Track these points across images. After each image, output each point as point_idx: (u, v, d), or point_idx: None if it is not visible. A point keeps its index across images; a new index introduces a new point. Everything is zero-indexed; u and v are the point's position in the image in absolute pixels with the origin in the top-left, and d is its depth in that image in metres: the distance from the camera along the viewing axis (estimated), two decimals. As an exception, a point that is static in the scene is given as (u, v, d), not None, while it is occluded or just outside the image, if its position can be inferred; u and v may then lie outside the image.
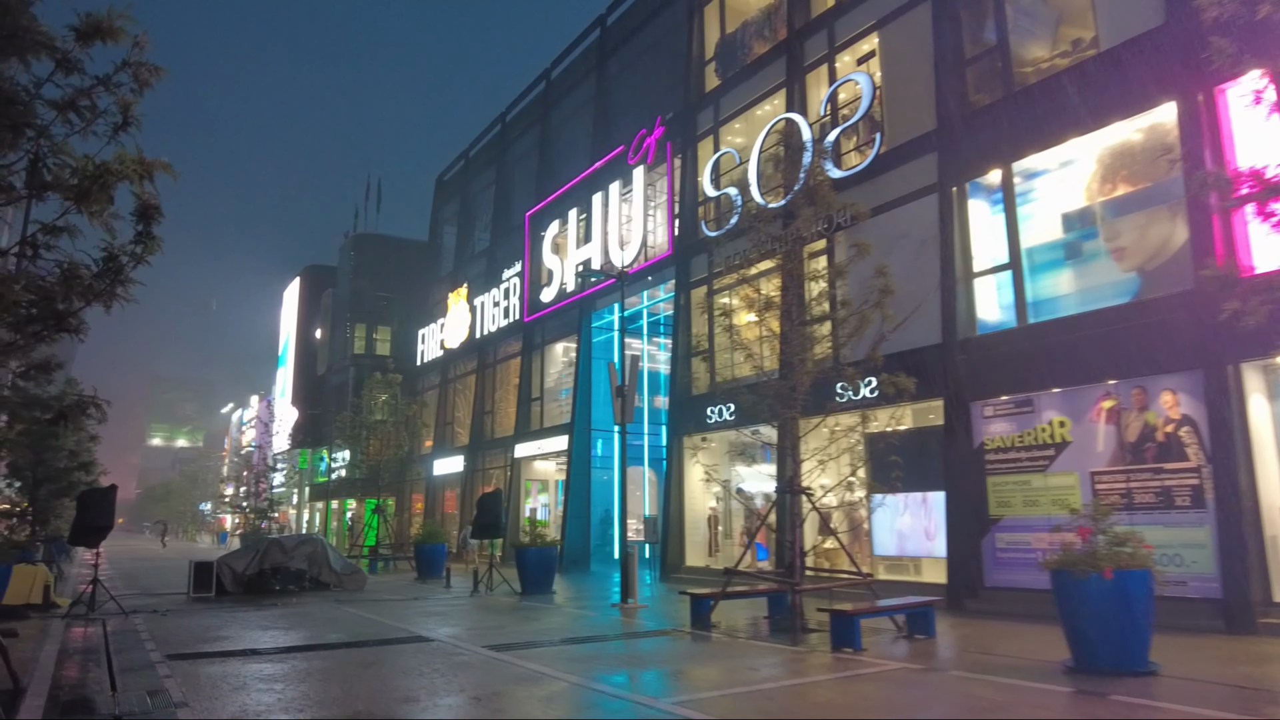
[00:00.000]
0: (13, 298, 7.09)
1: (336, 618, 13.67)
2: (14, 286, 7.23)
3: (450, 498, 34.68)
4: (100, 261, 7.72)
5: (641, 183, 23.28)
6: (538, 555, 17.33)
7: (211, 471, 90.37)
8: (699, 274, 21.33)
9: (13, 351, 7.63)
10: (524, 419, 28.60)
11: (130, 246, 7.77)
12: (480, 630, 12.07)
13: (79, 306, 7.67)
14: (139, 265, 7.89)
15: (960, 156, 15.57)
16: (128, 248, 7.77)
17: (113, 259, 7.72)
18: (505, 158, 34.04)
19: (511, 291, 30.35)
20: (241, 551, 18.38)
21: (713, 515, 20.54)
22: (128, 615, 13.67)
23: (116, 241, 7.79)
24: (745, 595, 13.15)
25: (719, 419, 19.35)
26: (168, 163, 8.01)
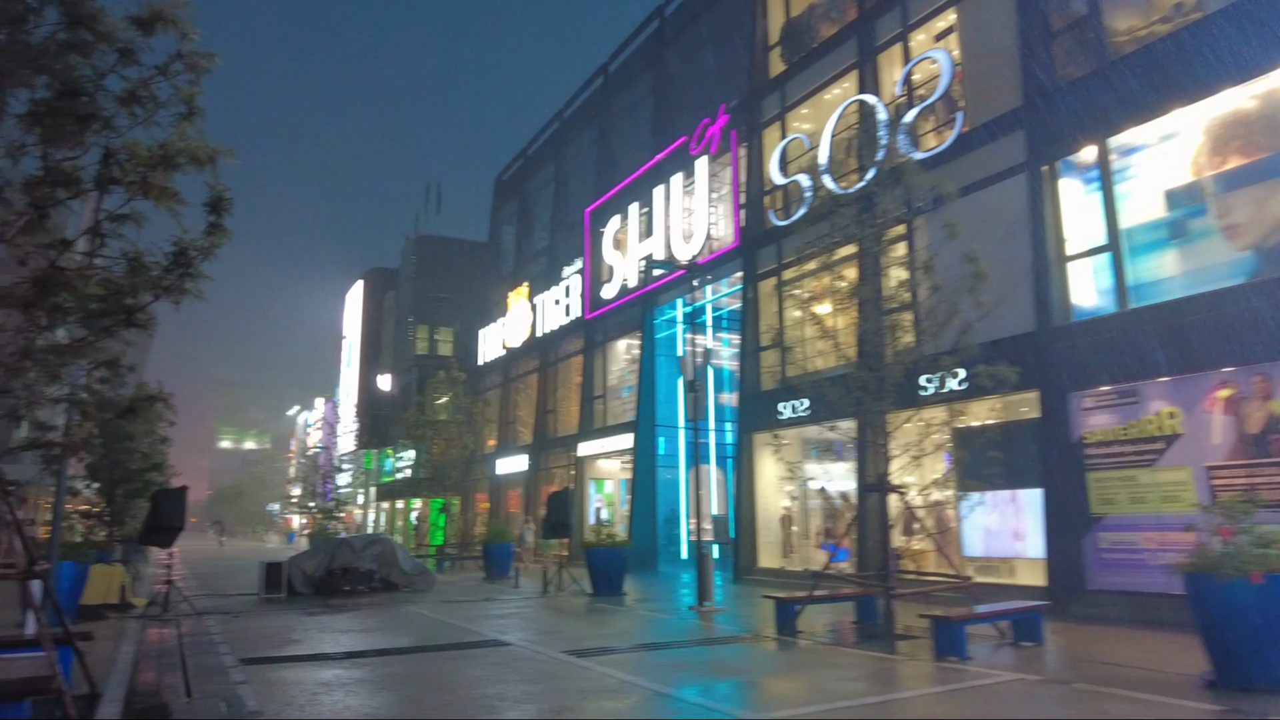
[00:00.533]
0: (84, 290, 6.86)
1: (408, 620, 13.40)
2: (84, 280, 7.03)
3: (514, 497, 34.52)
4: (169, 255, 7.50)
5: (705, 173, 22.70)
6: (608, 555, 16.89)
7: (279, 472, 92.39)
8: (767, 265, 20.67)
9: (83, 349, 7.41)
10: (587, 417, 28.24)
11: (199, 240, 7.53)
12: (555, 634, 11.66)
13: (147, 301, 7.45)
14: (208, 259, 7.66)
15: (1050, 134, 14.66)
16: (197, 241, 7.53)
17: (182, 253, 7.49)
18: (563, 155, 33.76)
19: (572, 289, 30.02)
20: (311, 552, 18.32)
21: (786, 515, 19.85)
22: (201, 616, 13.60)
23: (186, 235, 7.58)
24: (828, 600, 12.49)
25: (791, 415, 18.67)
26: (229, 150, 7.77)
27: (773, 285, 20.51)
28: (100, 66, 7.62)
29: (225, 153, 7.64)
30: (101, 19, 7.37)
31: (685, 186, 23.89)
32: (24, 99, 7.31)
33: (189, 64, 7.69)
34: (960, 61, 16.67)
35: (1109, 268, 13.79)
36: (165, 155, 7.37)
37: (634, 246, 26.00)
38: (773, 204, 20.73)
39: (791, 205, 20.17)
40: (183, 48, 7.64)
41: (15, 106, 7.35)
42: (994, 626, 10.65)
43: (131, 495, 22.69)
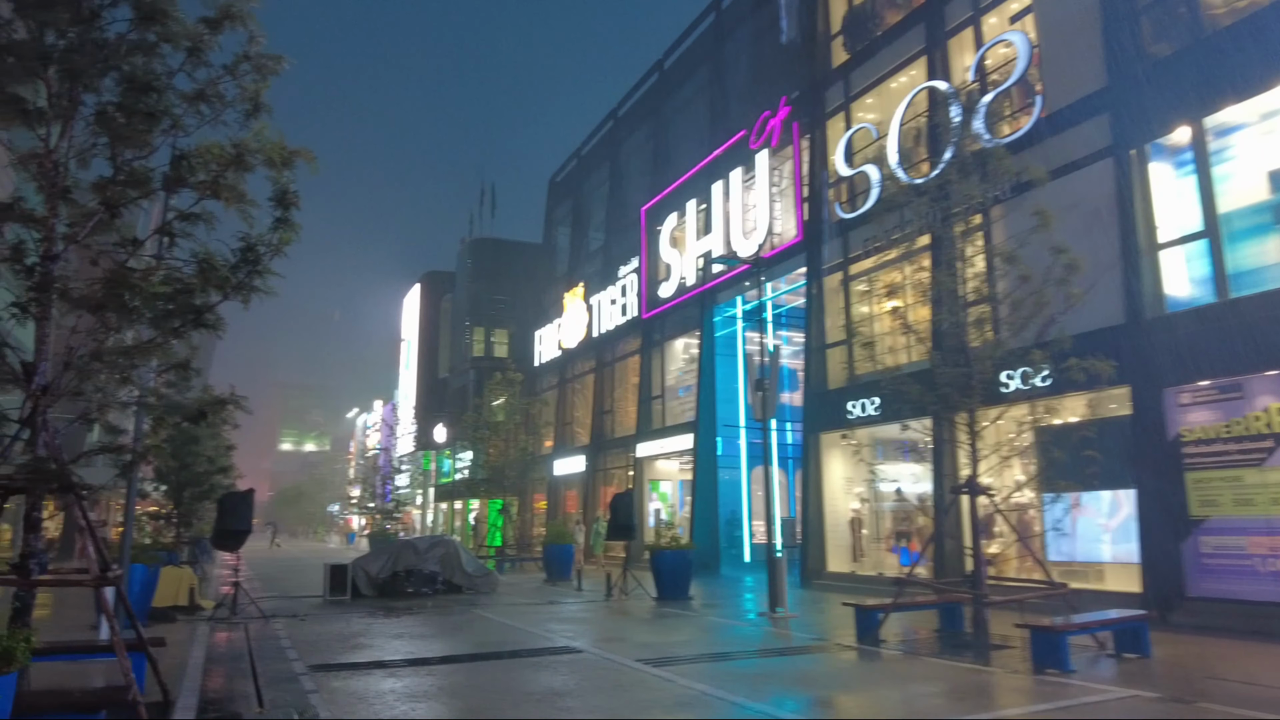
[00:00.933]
0: (152, 290, 6.71)
1: (474, 624, 13.19)
2: (152, 279, 6.89)
3: (571, 497, 34.35)
4: (238, 252, 7.34)
5: (766, 167, 22.19)
6: (674, 559, 16.51)
7: (338, 474, 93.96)
8: (833, 260, 20.08)
9: (152, 350, 7.28)
10: (645, 418, 27.90)
11: (268, 236, 7.35)
12: (625, 640, 11.31)
13: (216, 301, 7.29)
14: (276, 255, 7.47)
15: (1138, 115, 13.87)
16: (266, 237, 7.35)
17: (250, 249, 7.32)
18: (618, 154, 33.48)
19: (629, 288, 29.71)
20: (375, 554, 18.29)
21: (856, 517, 19.24)
22: (268, 619, 13.57)
23: (254, 232, 7.41)
24: (909, 607, 11.91)
25: (861, 414, 18.07)
26: (311, 153, 7.58)
27: (839, 280, 19.92)
28: (169, 65, 7.52)
29: (306, 155, 7.46)
30: (172, 14, 7.24)
31: (745, 181, 23.40)
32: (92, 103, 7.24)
33: (256, 65, 7.54)
34: (1038, 43, 15.91)
35: (1206, 255, 12.98)
36: (239, 155, 7.22)
37: (692, 244, 25.58)
38: (838, 196, 20.14)
39: (858, 198, 19.55)
40: (250, 50, 7.50)
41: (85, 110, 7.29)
42: (1093, 637, 10.00)
43: (198, 498, 23.02)
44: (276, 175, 7.40)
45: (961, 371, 10.98)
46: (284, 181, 7.37)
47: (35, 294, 6.73)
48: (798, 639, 11.42)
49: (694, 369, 26.25)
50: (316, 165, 7.69)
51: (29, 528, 6.56)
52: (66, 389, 6.83)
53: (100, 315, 6.91)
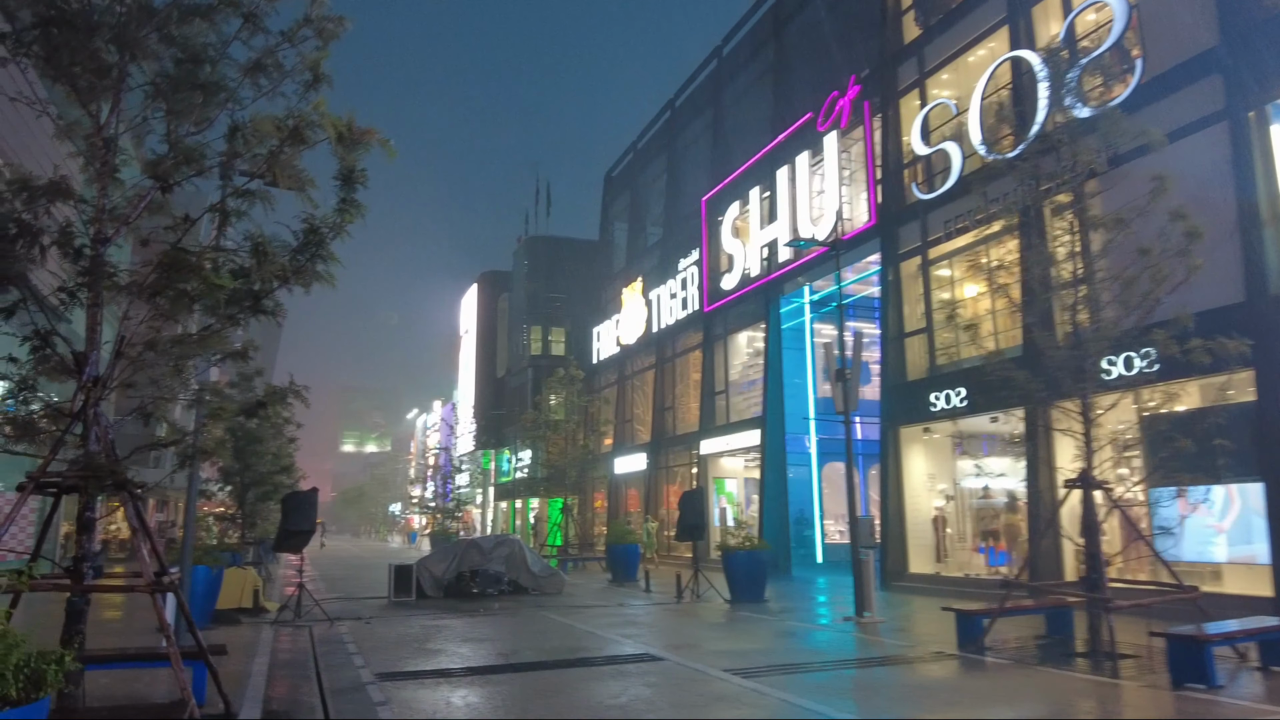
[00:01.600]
0: (211, 278, 6.21)
1: (545, 627, 12.61)
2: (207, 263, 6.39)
3: (633, 496, 33.75)
4: (299, 234, 6.81)
5: (834, 150, 21.24)
6: (748, 560, 15.74)
7: (400, 474, 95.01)
8: (909, 244, 19.07)
9: (209, 340, 6.80)
10: (708, 414, 27.13)
11: (331, 217, 6.81)
12: (705, 646, 10.60)
13: (275, 286, 6.78)
14: (339, 237, 6.93)
15: (1256, 75, 12.68)
16: (328, 218, 6.81)
17: (313, 231, 6.78)
18: (676, 145, 32.76)
19: (689, 281, 28.97)
20: (439, 554, 17.88)
21: (939, 516, 18.22)
22: (333, 623, 13.18)
23: (317, 212, 6.88)
24: (1014, 612, 10.97)
25: (945, 406, 17.05)
26: (385, 137, 6.97)
27: (916, 265, 18.91)
28: (224, 34, 7.04)
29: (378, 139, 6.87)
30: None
31: (812, 165, 22.48)
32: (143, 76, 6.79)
33: (318, 29, 7.00)
34: (1136, 3, 14.75)
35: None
36: (296, 129, 6.67)
37: (755, 233, 24.74)
38: (914, 177, 19.12)
39: (935, 177, 18.53)
40: (311, 12, 6.96)
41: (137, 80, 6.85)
42: (1233, 648, 8.98)
43: (262, 498, 22.98)
44: (343, 153, 6.84)
45: (1072, 354, 10.02)
46: (350, 160, 6.81)
47: (85, 279, 6.31)
48: (892, 646, 10.57)
49: (759, 362, 25.40)
50: (393, 148, 7.07)
51: (81, 528, 6.12)
52: (119, 381, 6.39)
53: (154, 302, 6.45)
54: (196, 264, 6.25)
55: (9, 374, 6.22)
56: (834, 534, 23.89)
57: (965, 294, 17.83)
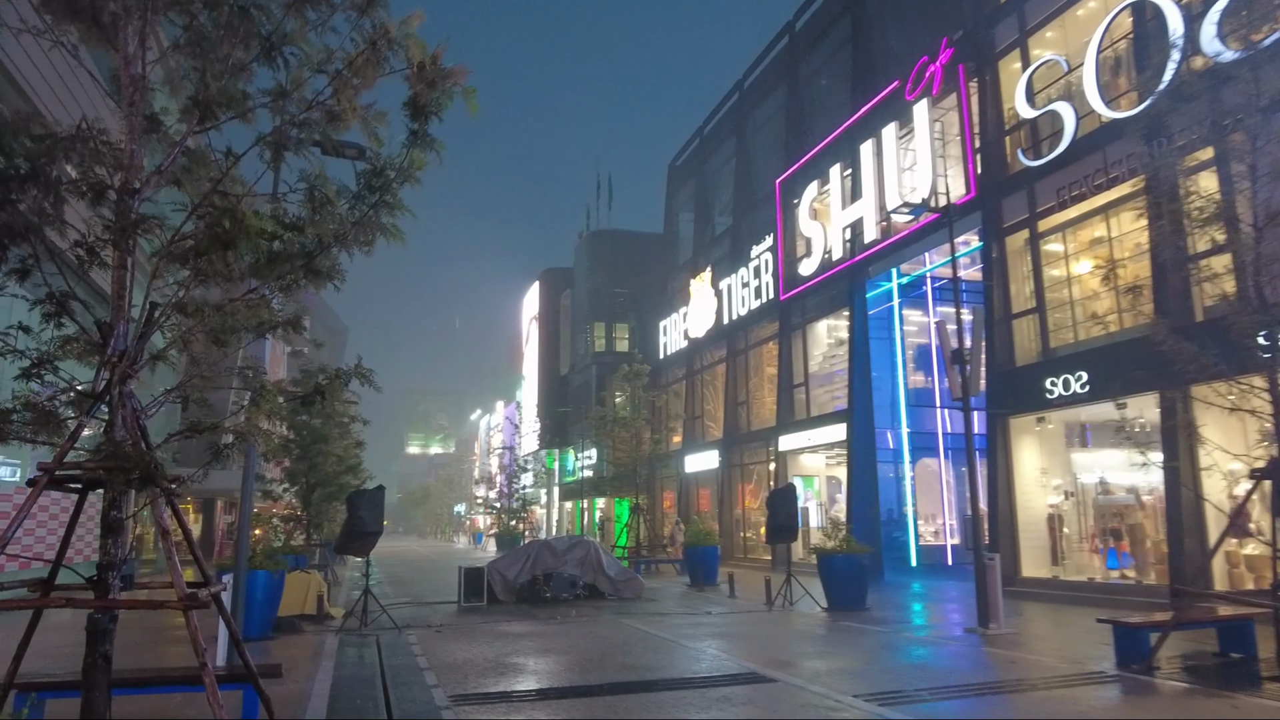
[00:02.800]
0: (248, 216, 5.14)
1: (629, 638, 11.42)
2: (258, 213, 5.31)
3: (704, 495, 32.45)
4: (362, 177, 5.68)
5: (926, 119, 19.63)
6: (847, 564, 14.34)
7: (464, 475, 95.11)
8: (1015, 216, 17.41)
9: (256, 309, 5.75)
10: (786, 408, 25.68)
11: (398, 159, 5.61)
12: (819, 665, 9.28)
13: (332, 244, 5.68)
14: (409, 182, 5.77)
15: None
16: (395, 160, 5.64)
17: (377, 173, 5.65)
18: (745, 127, 31.34)
19: (763, 269, 27.55)
20: (511, 556, 16.88)
21: (1055, 514, 16.54)
22: (401, 631, 12.21)
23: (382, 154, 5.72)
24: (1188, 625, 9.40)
25: (1064, 393, 15.39)
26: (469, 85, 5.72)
27: (1023, 240, 17.25)
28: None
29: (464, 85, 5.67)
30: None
31: (900, 137, 20.90)
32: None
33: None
34: (1289, -72, 12.91)
35: None
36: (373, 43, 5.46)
37: (837, 214, 23.22)
38: (1018, 143, 17.45)
39: (1043, 143, 16.85)
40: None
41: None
42: None
43: (328, 498, 22.34)
44: (422, 90, 5.61)
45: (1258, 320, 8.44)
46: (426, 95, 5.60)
47: (113, 236, 5.29)
48: (1036, 665, 9.09)
49: (842, 352, 23.88)
50: (476, 103, 5.82)
51: (106, 530, 5.10)
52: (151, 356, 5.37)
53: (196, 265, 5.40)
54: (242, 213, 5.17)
55: (24, 349, 5.24)
56: (927, 535, 22.26)
57: (1080, 269, 16.15)
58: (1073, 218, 16.18)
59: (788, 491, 15.09)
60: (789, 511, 14.85)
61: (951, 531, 22.08)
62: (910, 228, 20.32)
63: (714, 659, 9.68)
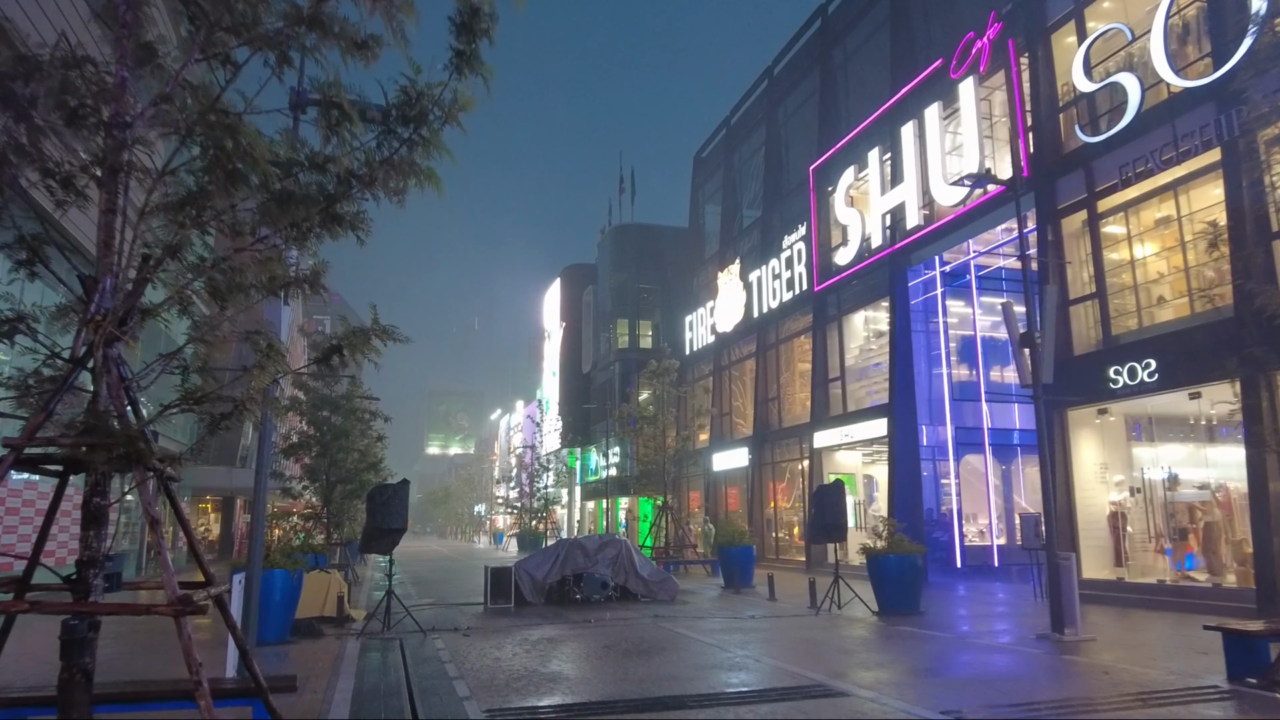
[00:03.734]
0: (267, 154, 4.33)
1: (671, 643, 10.57)
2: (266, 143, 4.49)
3: (733, 494, 31.53)
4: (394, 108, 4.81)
5: (972, 97, 18.64)
6: (899, 565, 13.41)
7: (485, 474, 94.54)
8: (1071, 196, 16.40)
9: (269, 260, 4.94)
10: (821, 403, 24.72)
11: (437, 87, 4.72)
12: (885, 675, 8.38)
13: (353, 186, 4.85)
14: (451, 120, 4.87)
15: None
16: (435, 87, 4.75)
17: (411, 102, 4.77)
18: (776, 115, 30.40)
19: (795, 259, 26.61)
20: (540, 556, 16.06)
21: (1117, 512, 15.52)
22: (426, 635, 11.42)
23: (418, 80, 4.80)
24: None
25: (1130, 383, 14.38)
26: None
27: (1081, 221, 16.24)
28: None
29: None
30: None
31: (945, 118, 19.93)
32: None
33: None
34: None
35: None
36: None
37: (876, 200, 22.25)
38: (1076, 119, 16.44)
39: (1101, 119, 15.85)
40: None
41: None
42: None
43: (349, 496, 21.64)
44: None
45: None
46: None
47: (100, 174, 4.50)
48: (1134, 676, 8.14)
49: (881, 344, 22.92)
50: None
51: (88, 520, 4.30)
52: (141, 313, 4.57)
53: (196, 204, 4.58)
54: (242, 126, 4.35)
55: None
56: (971, 535, 21.24)
57: (1146, 250, 15.14)
58: (1136, 196, 15.16)
59: (836, 488, 14.15)
60: (837, 509, 13.90)
61: (997, 531, 21.05)
62: (955, 212, 19.34)
63: (771, 668, 8.81)
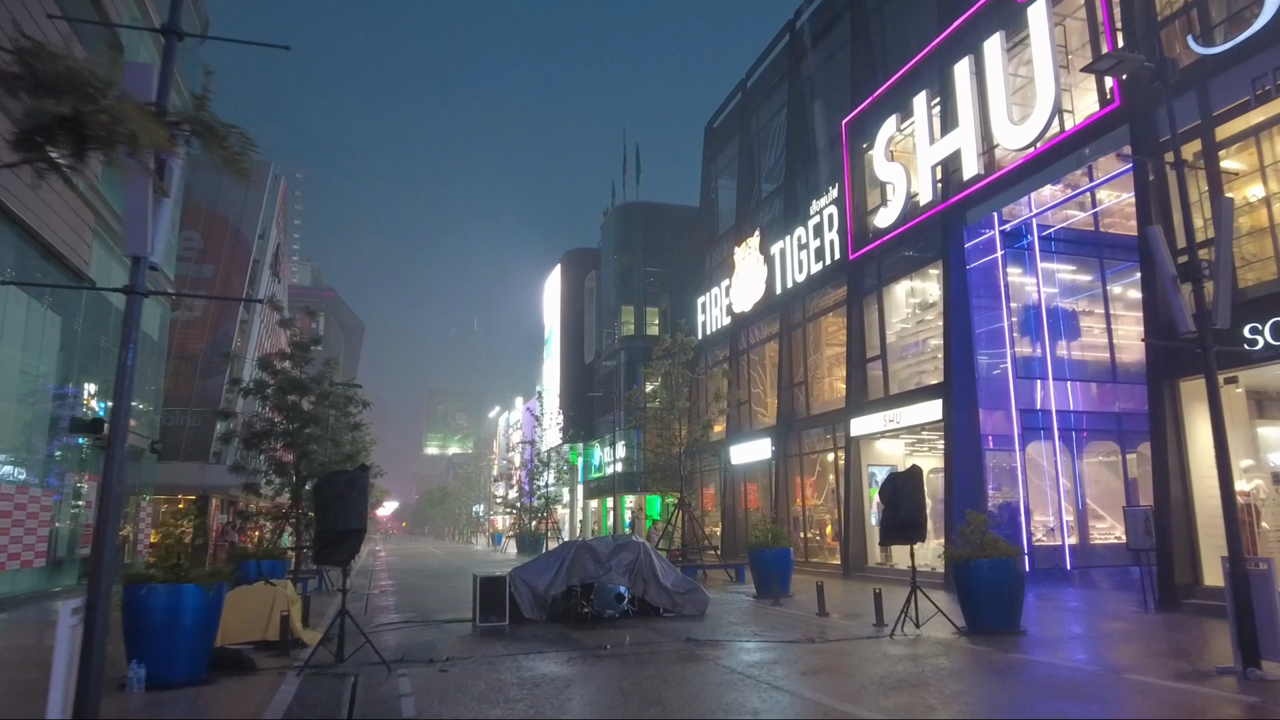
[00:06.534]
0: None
1: (724, 686, 7.77)
2: None
3: (753, 490, 28.72)
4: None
5: (1045, 21, 15.86)
6: (994, 572, 10.63)
7: (483, 474, 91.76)
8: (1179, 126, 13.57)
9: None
10: (858, 386, 21.93)
11: None
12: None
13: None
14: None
15: None
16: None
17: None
18: (800, 71, 27.58)
19: (825, 226, 23.83)
20: (542, 563, 13.26)
21: (1246, 504, 12.71)
22: (391, 669, 8.64)
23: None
24: None
25: (1272, 342, 11.58)
26: None
27: (1193, 153, 13.42)
28: None
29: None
30: None
31: (1008, 50, 17.14)
32: None
33: None
34: None
35: None
36: None
37: (924, 151, 19.44)
38: (1185, 29, 13.66)
39: (1216, 29, 13.07)
40: None
41: None
42: None
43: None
44: None
45: None
46: None
47: None
48: None
49: (930, 316, 20.13)
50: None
51: None
52: None
53: None
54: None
55: None
56: (1040, 534, 18.43)
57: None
58: (1265, 120, 12.38)
59: (911, 476, 11.27)
60: (913, 503, 11.05)
61: (1067, 529, 18.25)
62: (1026, 155, 16.55)
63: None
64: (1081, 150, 15.45)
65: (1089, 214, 19.82)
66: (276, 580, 11.05)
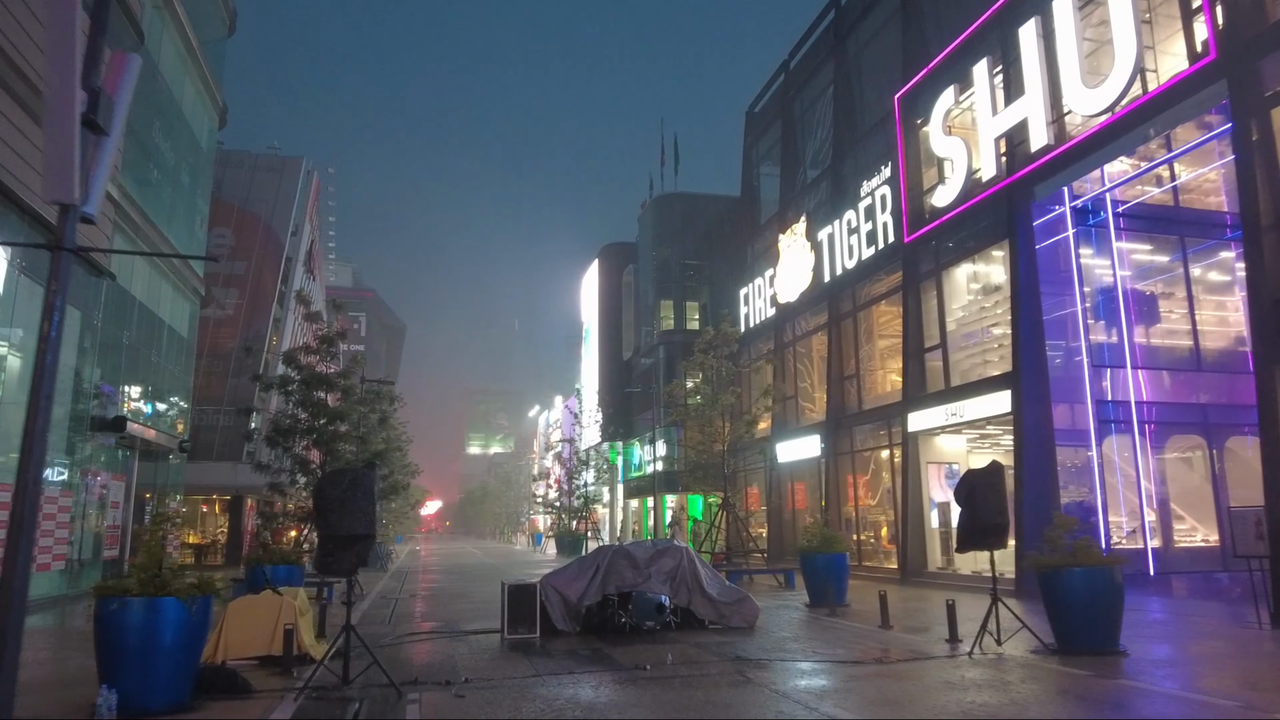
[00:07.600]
0: None
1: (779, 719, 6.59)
2: None
3: (800, 490, 27.38)
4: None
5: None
6: (1089, 583, 9.30)
7: (523, 472, 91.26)
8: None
9: None
10: (915, 378, 20.51)
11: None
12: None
13: None
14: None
15: None
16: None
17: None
18: (846, 47, 26.18)
19: (877, 208, 22.42)
20: (575, 569, 12.15)
21: (1377, 505, 11.16)
22: (401, 693, 7.60)
23: None
24: None
25: None
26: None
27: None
28: None
29: None
30: None
31: (1080, 7, 15.66)
32: None
33: None
34: None
35: None
36: None
37: (986, 122, 17.99)
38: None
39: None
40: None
41: None
42: None
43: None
44: None
45: None
46: None
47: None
48: None
49: (993, 302, 18.67)
50: None
51: None
52: None
53: None
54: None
55: None
56: (1118, 538, 16.90)
57: None
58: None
59: (992, 474, 9.91)
60: (995, 504, 9.72)
61: (1150, 532, 16.70)
62: (1101, 122, 15.06)
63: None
64: (1169, 110, 13.93)
65: (1167, 189, 18.25)
66: (285, 589, 10.09)
